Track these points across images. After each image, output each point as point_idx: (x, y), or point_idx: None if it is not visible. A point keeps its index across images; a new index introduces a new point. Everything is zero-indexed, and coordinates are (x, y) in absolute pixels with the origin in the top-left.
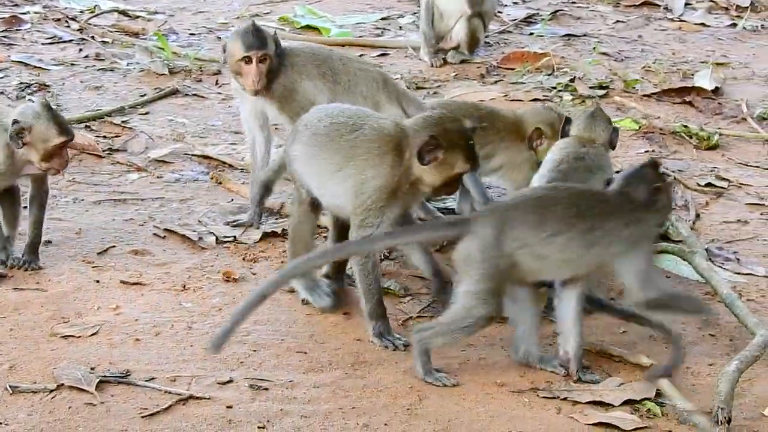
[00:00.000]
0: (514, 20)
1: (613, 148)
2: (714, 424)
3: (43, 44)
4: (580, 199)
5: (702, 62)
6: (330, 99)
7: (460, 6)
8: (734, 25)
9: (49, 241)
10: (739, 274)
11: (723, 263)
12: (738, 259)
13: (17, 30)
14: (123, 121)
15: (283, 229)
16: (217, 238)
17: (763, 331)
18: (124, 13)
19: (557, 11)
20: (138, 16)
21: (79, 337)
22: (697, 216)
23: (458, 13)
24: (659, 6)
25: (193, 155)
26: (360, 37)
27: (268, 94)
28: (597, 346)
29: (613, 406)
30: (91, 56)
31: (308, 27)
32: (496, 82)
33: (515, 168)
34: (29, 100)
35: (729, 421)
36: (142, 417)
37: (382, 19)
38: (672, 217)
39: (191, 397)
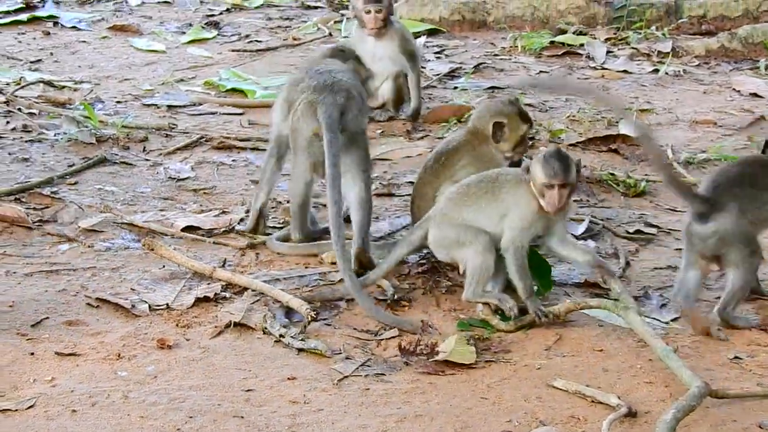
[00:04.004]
0: (438, 75)
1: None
2: None
3: None
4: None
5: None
6: None
7: (386, 70)
8: (656, 71)
9: None
10: (675, 320)
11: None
12: (664, 304)
13: None
14: (52, 192)
15: (216, 294)
16: (150, 306)
17: (698, 382)
18: (49, 83)
19: (480, 64)
20: (64, 86)
21: (16, 410)
22: (627, 264)
23: (385, 73)
24: (581, 55)
25: (122, 223)
26: None
27: None
28: (572, 386)
29: None
30: (18, 128)
31: (234, 90)
32: (422, 137)
33: (482, 164)
34: None
35: None
36: None
37: None
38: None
39: None
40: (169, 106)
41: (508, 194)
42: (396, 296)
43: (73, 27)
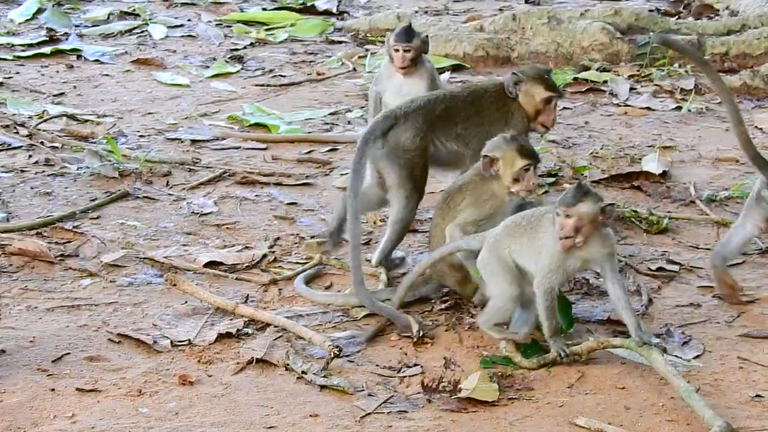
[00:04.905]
0: None
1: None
2: None
3: None
4: None
5: (649, 146)
6: None
7: None
8: (679, 108)
9: (3, 351)
10: (697, 357)
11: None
12: (686, 342)
13: None
14: (74, 227)
15: (238, 330)
16: (171, 342)
17: (719, 422)
18: (72, 117)
19: None
20: (87, 120)
21: None
22: (650, 301)
23: None
24: (605, 92)
25: (145, 258)
26: (309, 132)
27: None
28: (594, 424)
29: None
30: (41, 162)
31: (257, 124)
32: None
33: (483, 203)
34: None
35: None
36: None
37: (331, 114)
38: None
39: None
40: (193, 141)
41: (543, 234)
42: (421, 333)
43: (97, 60)
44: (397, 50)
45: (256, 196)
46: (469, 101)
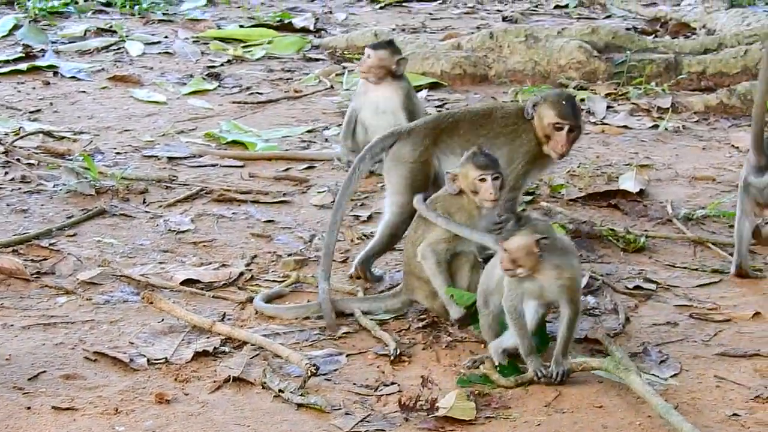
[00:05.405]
0: None
1: None
2: None
3: None
4: None
5: (626, 165)
6: None
7: (388, 124)
8: (656, 126)
9: None
10: (674, 376)
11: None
12: (663, 360)
13: None
14: (50, 244)
15: (215, 348)
16: (148, 360)
17: None
18: (49, 134)
19: None
20: (63, 137)
21: None
22: (627, 319)
23: (387, 127)
24: (582, 110)
25: (121, 276)
26: (287, 150)
27: None
28: None
29: None
30: (17, 179)
31: (234, 142)
32: None
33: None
34: None
35: None
36: None
37: (308, 131)
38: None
39: None
40: (170, 158)
41: None
42: (398, 351)
43: (73, 77)
44: (369, 56)
45: (233, 213)
46: (479, 115)
